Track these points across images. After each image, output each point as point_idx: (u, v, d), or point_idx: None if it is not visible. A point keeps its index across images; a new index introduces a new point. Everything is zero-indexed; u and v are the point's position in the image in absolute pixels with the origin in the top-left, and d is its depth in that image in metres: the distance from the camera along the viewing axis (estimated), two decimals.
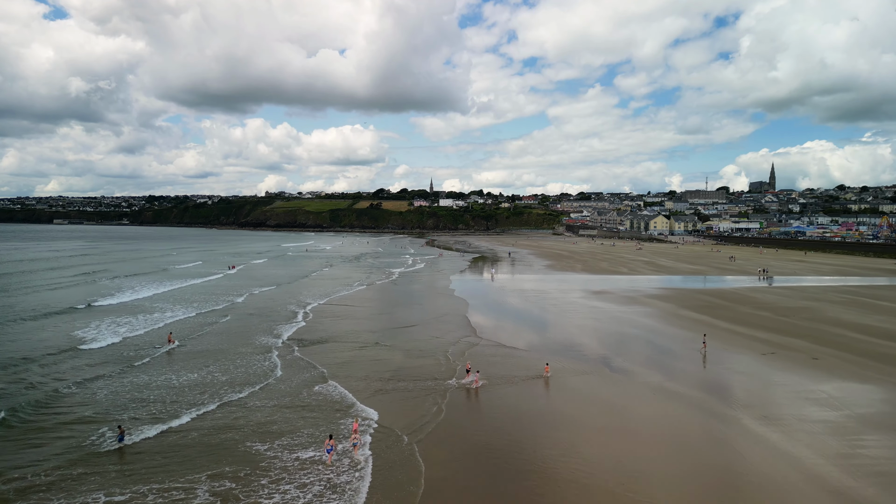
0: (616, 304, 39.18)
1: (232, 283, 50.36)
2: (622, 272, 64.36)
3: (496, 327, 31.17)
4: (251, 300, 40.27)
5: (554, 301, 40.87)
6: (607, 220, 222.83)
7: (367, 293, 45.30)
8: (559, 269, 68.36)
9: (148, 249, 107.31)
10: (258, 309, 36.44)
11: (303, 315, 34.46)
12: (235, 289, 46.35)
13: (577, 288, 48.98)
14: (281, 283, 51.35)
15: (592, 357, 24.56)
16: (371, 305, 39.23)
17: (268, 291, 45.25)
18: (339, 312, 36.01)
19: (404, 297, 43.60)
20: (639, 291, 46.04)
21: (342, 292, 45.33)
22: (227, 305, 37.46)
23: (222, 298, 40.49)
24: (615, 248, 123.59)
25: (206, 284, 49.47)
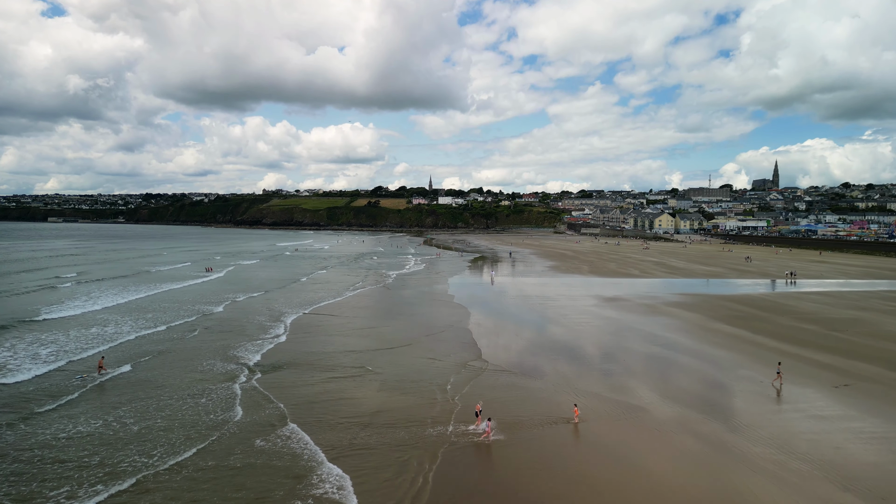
0: (635, 315, 34.37)
1: (214, 289, 45.62)
2: (633, 274, 59.57)
3: (503, 346, 26.35)
4: (230, 310, 35.45)
5: (564, 310, 36.07)
6: (610, 219, 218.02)
7: (359, 301, 40.53)
8: (564, 271, 63.55)
9: (136, 249, 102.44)
10: (234, 322, 31.62)
11: (283, 329, 29.68)
12: (216, 295, 41.63)
13: (586, 293, 44.18)
14: (269, 288, 46.60)
15: (624, 391, 19.74)
16: (361, 317, 34.43)
17: (251, 299, 40.50)
18: (323, 326, 31.23)
19: (399, 305, 38.79)
20: (657, 298, 41.23)
21: (331, 300, 40.60)
22: (199, 317, 32.58)
23: (197, 308, 35.68)
24: (620, 247, 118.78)
25: (184, 290, 44.68)
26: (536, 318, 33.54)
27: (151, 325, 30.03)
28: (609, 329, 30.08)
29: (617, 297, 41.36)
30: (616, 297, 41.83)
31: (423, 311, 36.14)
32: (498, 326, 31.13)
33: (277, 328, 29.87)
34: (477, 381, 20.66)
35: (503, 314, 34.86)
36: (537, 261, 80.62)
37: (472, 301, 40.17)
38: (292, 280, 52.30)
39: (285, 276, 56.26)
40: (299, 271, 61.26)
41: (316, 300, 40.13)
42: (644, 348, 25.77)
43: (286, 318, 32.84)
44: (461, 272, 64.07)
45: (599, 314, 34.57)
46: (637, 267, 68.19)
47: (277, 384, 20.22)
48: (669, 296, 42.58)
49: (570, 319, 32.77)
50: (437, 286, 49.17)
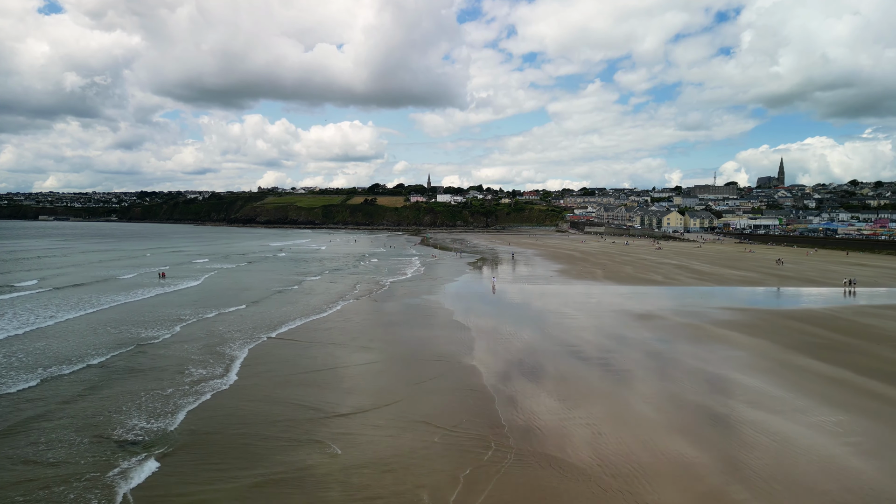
0: (682, 341, 26.19)
1: (183, 302, 37.70)
2: (656, 281, 51.40)
3: (528, 407, 17.79)
4: (181, 336, 27.20)
5: (587, 333, 27.93)
6: (615, 217, 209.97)
7: (343, 319, 32.33)
8: (576, 277, 55.39)
9: (117, 250, 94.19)
10: (174, 356, 23.29)
11: (233, 367, 21.52)
12: (180, 311, 33.71)
13: (609, 307, 36.04)
14: (248, 300, 38.53)
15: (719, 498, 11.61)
16: (339, 343, 26.16)
17: (220, 317, 32.29)
18: (288, 361, 22.97)
19: (388, 326, 30.57)
20: (699, 314, 33.06)
21: (314, 316, 32.58)
22: (131, 350, 24.18)
23: (138, 333, 27.47)
24: (630, 247, 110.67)
25: (144, 304, 36.63)
26: (556, 347, 25.29)
27: (52, 366, 21.73)
28: (657, 367, 21.86)
29: (650, 314, 33.15)
30: (648, 313, 33.62)
31: (417, 335, 27.91)
32: (511, 363, 22.90)
33: (226, 366, 21.59)
34: (503, 481, 12.43)
35: (513, 341, 26.64)
36: (543, 263, 72.44)
37: (474, 318, 31.99)
38: (278, 290, 43.85)
39: (271, 284, 47.74)
40: (288, 278, 52.70)
41: (295, 316, 32.08)
42: (717, 404, 17.54)
43: (246, 347, 24.64)
44: (459, 277, 55.91)
45: (636, 340, 26.38)
46: (657, 271, 60.03)
47: (163, 497, 12.01)
48: (713, 311, 34.40)
49: (602, 350, 24.57)
50: (433, 297, 41.05)
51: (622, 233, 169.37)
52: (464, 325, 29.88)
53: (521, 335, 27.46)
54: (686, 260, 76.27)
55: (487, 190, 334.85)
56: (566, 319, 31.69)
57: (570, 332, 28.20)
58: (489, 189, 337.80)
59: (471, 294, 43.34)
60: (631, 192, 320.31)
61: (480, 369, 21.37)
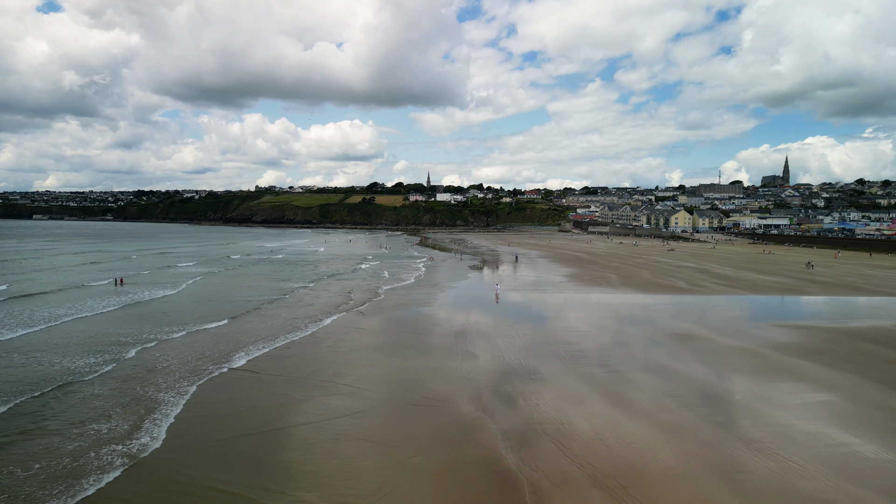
0: (747, 379, 20.36)
1: (151, 314, 32.30)
2: (681, 288, 45.60)
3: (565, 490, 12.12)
4: (133, 364, 21.52)
5: (619, 361, 22.17)
6: (619, 216, 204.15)
7: (320, 344, 26.45)
8: (588, 283, 49.60)
9: (103, 251, 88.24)
10: (86, 406, 17.52)
11: (149, 426, 15.80)
12: (151, 326, 28.45)
13: (636, 323, 30.27)
14: (234, 312, 32.95)
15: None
16: (305, 386, 20.31)
17: (185, 338, 26.57)
18: (240, 407, 17.28)
19: (372, 354, 24.65)
20: (751, 335, 27.25)
21: (286, 338, 26.67)
22: (49, 393, 18.51)
23: (76, 361, 21.79)
24: (640, 248, 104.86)
25: (104, 318, 30.99)
26: (583, 387, 19.49)
27: None
28: (725, 419, 16.09)
29: (689, 334, 27.32)
30: (687, 332, 27.79)
31: (408, 365, 22.05)
32: (527, 420, 17.17)
33: (150, 427, 15.68)
34: None
35: (524, 375, 20.86)
36: (549, 267, 66.63)
37: (476, 338, 26.23)
38: (264, 300, 37.77)
39: (257, 293, 41.45)
40: (277, 285, 46.28)
41: (272, 335, 26.58)
42: (851, 501, 11.75)
43: (194, 385, 18.88)
44: (459, 283, 50.14)
45: (686, 377, 20.58)
46: (678, 276, 54.22)
47: None
48: (764, 329, 28.59)
49: (647, 393, 18.79)
50: (430, 309, 35.30)
51: (628, 233, 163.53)
52: (464, 350, 24.09)
53: (533, 365, 21.65)
54: (704, 262, 70.47)
55: (488, 189, 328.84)
56: (586, 341, 25.88)
57: (594, 360, 22.41)
58: (490, 188, 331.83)
59: (472, 304, 37.57)
60: (634, 191, 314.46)
61: (492, 427, 15.57)
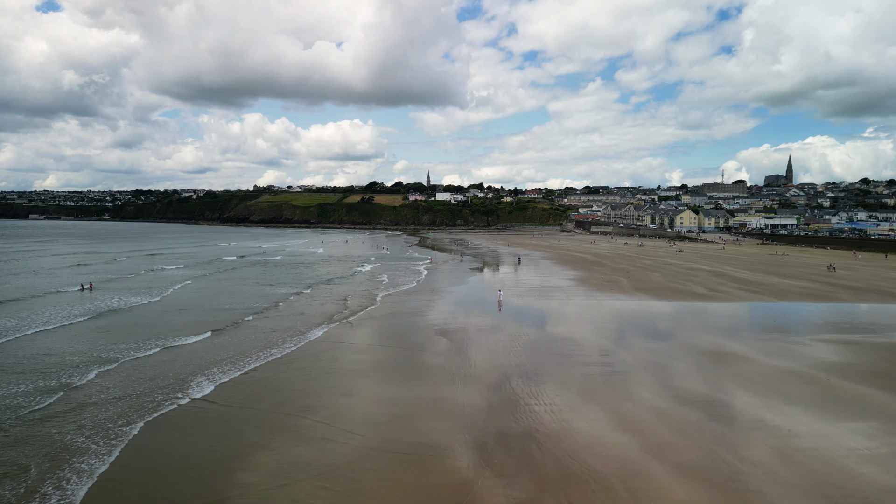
0: (810, 415, 16.64)
1: (125, 325, 29.08)
2: (699, 294, 41.86)
3: None
4: (79, 395, 18.07)
5: (650, 391, 18.46)
6: (623, 216, 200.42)
7: (301, 364, 22.87)
8: (598, 287, 45.87)
9: (93, 252, 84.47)
10: (19, 447, 14.06)
11: (54, 494, 12.13)
12: (115, 341, 25.08)
13: (661, 337, 26.55)
14: (205, 326, 29.17)
15: None
16: (268, 424, 16.86)
17: (154, 358, 22.95)
18: (157, 483, 13.54)
19: (357, 379, 21.13)
20: (796, 353, 23.50)
21: (264, 358, 23.02)
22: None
23: (19, 387, 18.38)
24: (646, 249, 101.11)
25: (67, 333, 27.43)
26: (618, 434, 15.76)
27: None
28: (803, 480, 12.36)
29: (726, 353, 23.55)
30: (722, 350, 24.03)
31: (395, 395, 18.39)
32: (548, 473, 13.40)
33: (61, 489, 12.05)
34: None
35: (532, 403, 17.13)
36: (554, 269, 62.91)
37: (475, 355, 22.53)
38: (252, 309, 33.98)
39: (245, 300, 37.59)
40: (269, 292, 42.38)
41: (255, 350, 23.39)
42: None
43: (146, 418, 15.46)
44: (459, 288, 46.42)
45: (733, 413, 16.84)
46: (693, 280, 50.45)
47: None
48: (808, 344, 24.83)
49: (689, 435, 15.05)
50: (427, 319, 31.65)
51: (632, 233, 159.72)
52: (464, 373, 20.39)
53: (547, 394, 17.92)
54: (717, 265, 66.71)
55: (488, 188, 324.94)
56: (606, 360, 22.15)
57: (619, 387, 18.66)
58: (490, 187, 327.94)
59: (472, 313, 33.84)
60: (637, 191, 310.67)
61: (500, 497, 11.81)
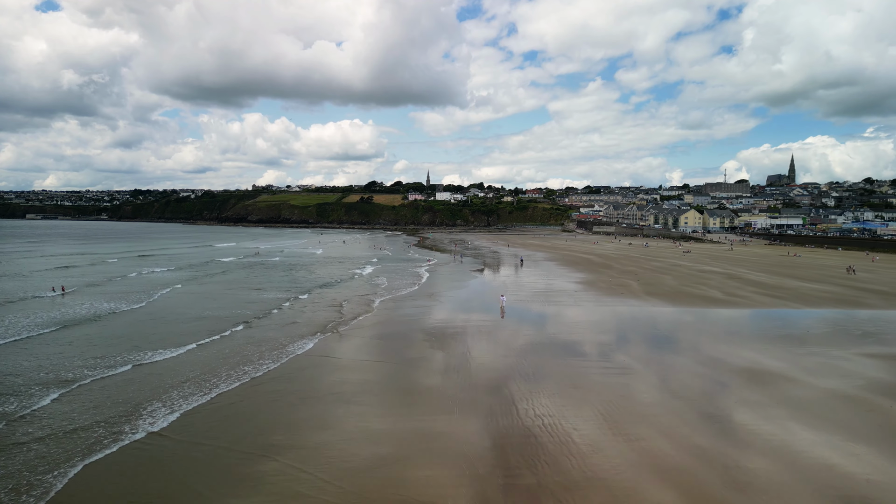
0: (886, 457, 13.71)
1: (99, 337, 26.30)
2: (717, 298, 38.91)
3: None
4: (21, 426, 15.44)
5: (681, 421, 15.54)
6: (625, 216, 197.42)
7: (276, 388, 20.18)
8: (607, 292, 42.93)
9: (84, 254, 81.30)
10: None
11: None
12: (80, 358, 22.37)
13: (684, 351, 23.60)
14: (185, 338, 26.38)
15: None
16: (226, 463, 14.17)
17: (118, 378, 20.26)
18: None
19: (334, 409, 18.34)
20: (842, 371, 20.54)
21: (229, 382, 20.16)
22: None
23: None
24: (652, 249, 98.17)
25: (27, 346, 24.68)
26: (639, 476, 12.81)
27: None
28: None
29: (761, 370, 20.58)
30: (756, 367, 21.06)
31: (383, 430, 15.51)
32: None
33: None
34: None
35: (560, 453, 14.17)
36: (558, 271, 59.95)
37: (476, 372, 19.61)
38: (247, 317, 31.17)
39: (234, 308, 34.53)
40: (263, 298, 39.24)
41: (230, 370, 20.42)
42: None
43: (84, 461, 12.64)
44: (459, 292, 43.49)
45: (798, 460, 13.87)
46: (706, 283, 47.48)
47: None
48: (852, 360, 21.83)
49: (743, 491, 12.08)
50: (423, 328, 28.72)
51: (635, 233, 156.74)
52: (462, 400, 17.46)
53: (560, 426, 14.96)
54: (729, 266, 63.74)
55: (489, 188, 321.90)
56: (627, 381, 19.18)
57: (648, 417, 15.71)
58: (490, 187, 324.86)
59: (473, 321, 30.89)
60: (639, 191, 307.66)
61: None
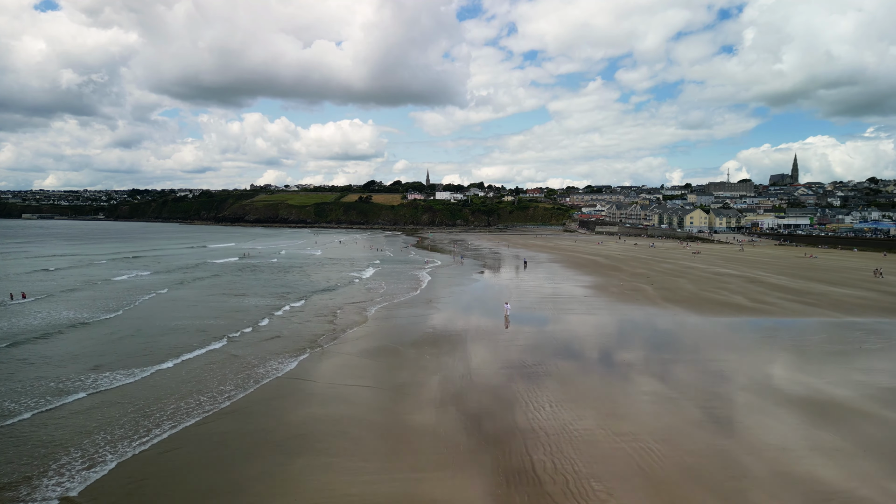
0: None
1: (55, 359, 23.21)
2: (743, 306, 35.31)
3: None
4: None
5: (761, 492, 11.86)
6: (628, 215, 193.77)
7: (250, 415, 16.51)
8: (620, 297, 39.36)
9: (69, 255, 77.64)
10: None
11: None
12: (24, 382, 18.27)
13: (725, 372, 20.01)
14: (158, 356, 23.35)
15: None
16: None
17: (56, 414, 17.01)
18: None
19: (294, 462, 14.76)
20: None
21: (180, 421, 16.77)
22: None
23: None
24: (659, 250, 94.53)
25: None
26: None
27: None
28: None
29: (834, 405, 16.99)
30: (827, 398, 17.46)
31: (357, 498, 11.89)
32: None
33: None
34: None
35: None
36: (564, 274, 56.36)
37: (479, 408, 16.04)
38: (232, 328, 27.88)
39: (218, 320, 30.97)
40: (247, 306, 35.91)
41: (187, 403, 16.68)
42: None
43: None
44: (460, 298, 39.93)
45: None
46: (728, 288, 43.87)
47: None
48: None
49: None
50: (418, 342, 25.13)
51: (639, 233, 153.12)
52: (463, 448, 13.89)
53: (587, 491, 11.40)
54: (746, 269, 60.13)
55: (489, 187, 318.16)
56: (661, 410, 15.59)
57: (706, 483, 12.12)
58: (491, 186, 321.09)
59: (474, 332, 27.30)
60: (641, 190, 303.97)
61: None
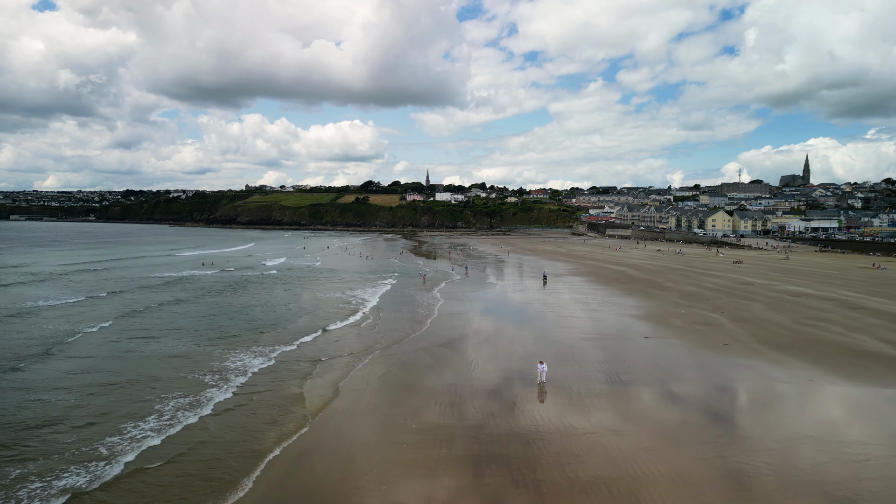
0: None
1: None
2: (882, 354, 23.71)
3: None
4: None
5: None
6: (641, 217, 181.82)
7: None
8: (692, 337, 27.71)
9: (19, 267, 65.76)
10: None
11: None
12: None
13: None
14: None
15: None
16: None
17: None
18: None
19: None
20: None
21: None
22: None
23: None
24: (688, 257, 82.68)
25: None
26: None
27: None
28: None
29: None
30: None
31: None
32: None
33: None
34: None
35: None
36: (596, 294, 44.68)
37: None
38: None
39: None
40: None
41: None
42: None
43: None
44: (471, 345, 28.32)
45: None
46: (831, 320, 32.16)
47: None
48: None
49: None
50: (406, 435, 13.33)
51: (656, 236, 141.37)
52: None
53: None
54: (819, 285, 48.36)
55: (491, 188, 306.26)
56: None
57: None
58: (493, 187, 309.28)
59: (490, 422, 15.63)
60: (649, 191, 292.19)
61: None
